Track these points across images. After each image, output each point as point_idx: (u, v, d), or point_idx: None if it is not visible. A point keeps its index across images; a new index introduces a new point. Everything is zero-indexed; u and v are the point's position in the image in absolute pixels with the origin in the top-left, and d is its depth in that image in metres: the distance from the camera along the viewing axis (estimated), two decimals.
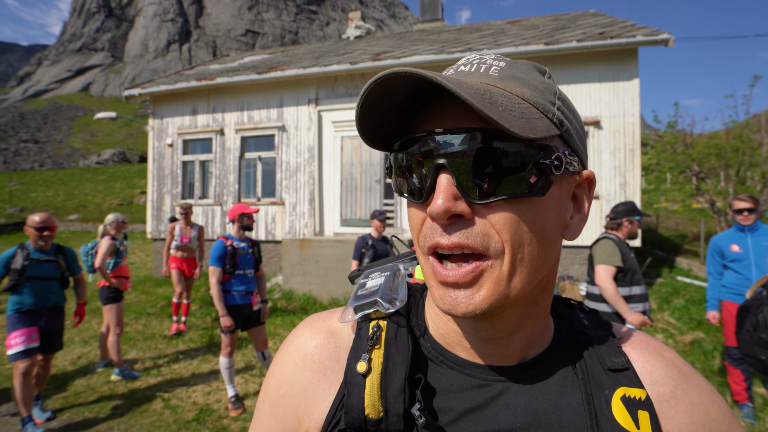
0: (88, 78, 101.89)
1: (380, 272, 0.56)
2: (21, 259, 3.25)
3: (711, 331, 4.97)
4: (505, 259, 0.40)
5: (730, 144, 8.23)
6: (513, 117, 0.37)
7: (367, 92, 0.39)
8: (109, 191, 31.90)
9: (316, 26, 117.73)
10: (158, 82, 10.19)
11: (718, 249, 3.48)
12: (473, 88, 0.37)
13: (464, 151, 0.39)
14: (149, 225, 9.86)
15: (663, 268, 8.56)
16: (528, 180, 0.39)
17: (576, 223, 0.46)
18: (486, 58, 0.46)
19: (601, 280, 2.89)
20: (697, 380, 0.48)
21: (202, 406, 3.70)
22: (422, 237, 0.43)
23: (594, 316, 0.55)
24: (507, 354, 0.47)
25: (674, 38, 6.66)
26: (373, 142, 0.46)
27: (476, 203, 0.39)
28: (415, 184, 0.43)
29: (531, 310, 0.46)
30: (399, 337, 0.48)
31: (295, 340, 0.53)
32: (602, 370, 0.47)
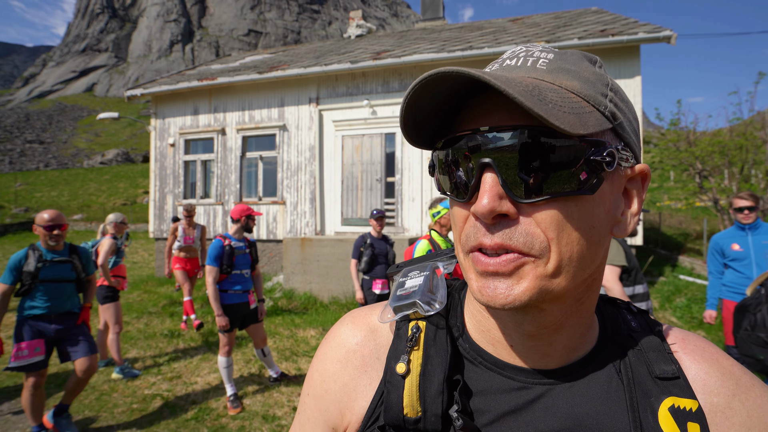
0: (92, 79, 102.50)
1: (419, 271, 0.56)
2: (33, 261, 3.00)
3: (712, 330, 4.93)
4: (551, 257, 0.38)
5: (734, 141, 8.17)
6: (563, 113, 0.36)
7: (413, 92, 0.39)
8: (113, 191, 32.09)
9: (318, 25, 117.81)
10: (160, 83, 10.23)
11: (719, 248, 3.45)
12: (521, 85, 0.36)
13: (510, 148, 0.38)
14: (151, 224, 9.90)
15: (665, 266, 8.51)
16: (578, 177, 0.38)
17: (627, 219, 0.45)
18: (533, 50, 0.44)
19: (608, 281, 2.81)
20: (759, 391, 0.44)
21: (201, 404, 3.72)
22: (464, 236, 0.42)
23: (643, 317, 0.52)
24: (549, 353, 0.45)
25: (677, 35, 6.61)
26: (416, 141, 0.45)
27: (522, 202, 0.38)
28: (459, 183, 0.42)
29: (575, 309, 0.44)
30: (438, 339, 0.47)
31: (337, 337, 0.54)
32: (650, 377, 0.44)
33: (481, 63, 7.62)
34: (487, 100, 0.41)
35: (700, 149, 8.45)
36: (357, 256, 4.44)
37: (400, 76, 8.23)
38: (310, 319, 6.16)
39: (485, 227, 0.39)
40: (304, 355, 4.84)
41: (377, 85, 8.34)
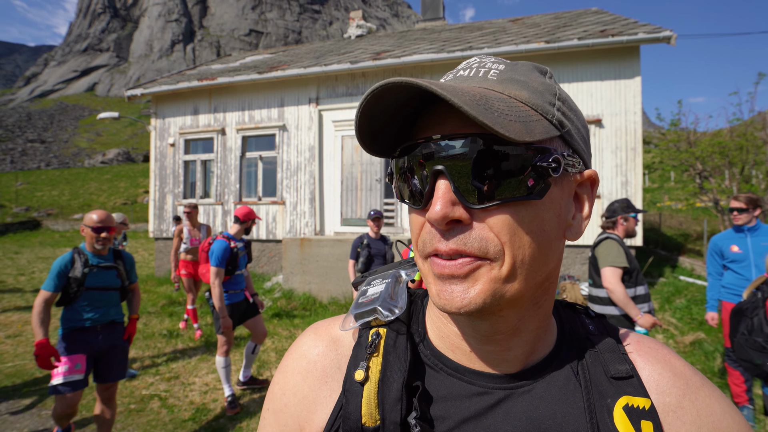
0: (93, 78, 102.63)
1: (381, 279, 0.56)
2: (80, 266, 2.71)
3: (712, 331, 4.91)
4: (505, 260, 0.40)
5: (735, 142, 8.15)
6: (509, 121, 0.37)
7: (365, 104, 0.40)
8: (114, 190, 32.12)
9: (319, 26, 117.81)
10: (160, 82, 10.23)
11: (718, 249, 3.44)
12: (469, 95, 0.37)
13: (462, 156, 0.39)
14: (151, 224, 9.90)
15: (665, 267, 8.49)
16: (526, 183, 0.39)
17: (578, 223, 0.46)
18: (486, 62, 0.46)
19: (610, 282, 2.77)
20: (708, 390, 0.46)
21: (198, 405, 3.71)
22: (421, 242, 0.43)
23: (600, 321, 0.54)
24: (508, 358, 0.46)
25: (677, 35, 6.59)
26: (374, 150, 0.46)
27: (474, 208, 0.39)
28: (414, 190, 0.44)
29: (532, 312, 0.45)
30: (398, 345, 0.48)
31: (298, 348, 0.54)
32: (606, 378, 0.46)
33: None
34: (441, 110, 0.42)
35: (700, 150, 8.43)
36: (354, 257, 4.44)
37: (400, 75, 8.19)
38: (310, 319, 6.15)
39: (440, 233, 0.40)
40: None
41: None
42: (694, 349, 4.72)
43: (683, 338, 5.00)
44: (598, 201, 7.01)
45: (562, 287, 6.49)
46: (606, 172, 7.01)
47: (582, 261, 7.11)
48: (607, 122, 7.02)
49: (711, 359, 4.38)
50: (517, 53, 7.17)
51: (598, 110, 7.06)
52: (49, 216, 25.51)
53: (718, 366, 4.17)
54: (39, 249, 16.23)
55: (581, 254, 7.12)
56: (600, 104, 7.06)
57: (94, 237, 2.75)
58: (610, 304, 2.85)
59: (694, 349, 4.70)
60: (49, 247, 16.96)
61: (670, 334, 5.17)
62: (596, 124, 7.05)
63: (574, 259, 7.18)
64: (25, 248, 16.43)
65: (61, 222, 23.41)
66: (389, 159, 0.48)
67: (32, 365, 4.63)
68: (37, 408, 3.68)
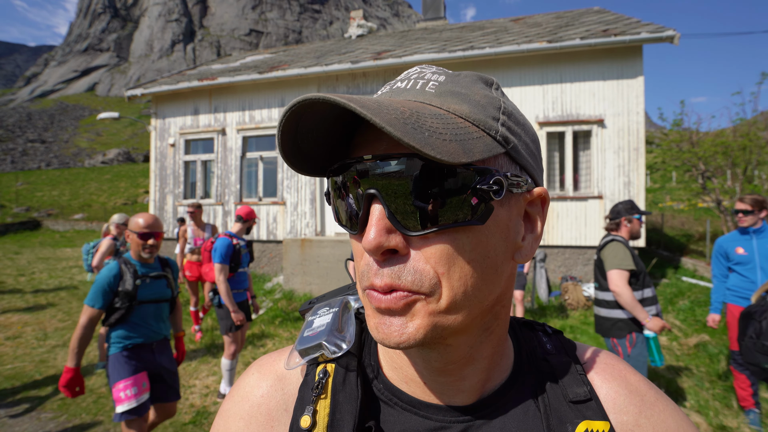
0: (93, 78, 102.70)
1: (328, 307, 0.53)
2: (130, 278, 2.45)
3: (716, 333, 4.88)
4: (442, 293, 0.37)
5: (738, 142, 8.10)
6: (443, 141, 0.34)
7: (284, 122, 0.36)
8: (114, 190, 32.12)
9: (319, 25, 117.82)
10: (160, 82, 10.20)
11: (723, 251, 3.40)
12: (396, 112, 0.33)
13: (396, 177, 0.36)
14: None
15: (668, 268, 8.45)
16: (467, 207, 0.36)
17: (528, 244, 0.43)
18: (426, 72, 0.43)
19: (617, 285, 2.73)
20: (662, 406, 0.46)
21: (199, 408, 3.68)
22: (361, 273, 0.40)
23: (557, 338, 0.52)
24: (463, 388, 0.44)
25: (680, 35, 6.55)
26: (305, 169, 0.42)
27: (411, 235, 0.36)
28: (351, 213, 0.40)
29: (483, 338, 0.43)
30: (347, 383, 0.45)
31: (241, 390, 0.50)
32: (564, 402, 0.44)
33: (482, 63, 7.58)
34: (374, 129, 0.39)
35: (703, 150, 8.39)
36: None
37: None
38: None
39: (376, 264, 0.37)
40: None
41: (378, 85, 8.30)
42: (698, 351, 4.68)
43: (687, 340, 4.96)
44: (599, 201, 6.97)
45: (564, 288, 6.46)
46: (608, 173, 6.97)
47: (584, 262, 7.07)
48: (610, 122, 6.98)
49: (715, 362, 4.35)
50: (519, 53, 7.14)
51: (601, 110, 7.03)
52: (50, 216, 25.51)
53: (723, 369, 4.14)
54: (39, 249, 16.21)
55: (583, 255, 7.09)
56: (602, 104, 7.02)
57: (140, 244, 2.47)
58: (617, 307, 2.81)
59: (698, 352, 4.67)
60: (50, 247, 16.95)
61: (674, 336, 5.13)
62: (598, 124, 7.01)
63: (576, 260, 7.14)
64: (26, 249, 16.41)
65: (61, 222, 23.40)
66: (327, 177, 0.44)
67: (31, 367, 4.60)
68: (36, 411, 3.65)
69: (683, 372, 4.20)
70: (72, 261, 12.96)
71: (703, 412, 3.43)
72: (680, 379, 4.03)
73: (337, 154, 0.42)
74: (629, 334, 2.76)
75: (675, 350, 4.79)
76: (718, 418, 3.31)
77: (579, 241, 7.04)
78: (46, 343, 5.43)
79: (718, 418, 3.31)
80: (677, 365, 4.37)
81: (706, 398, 3.64)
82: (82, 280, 9.65)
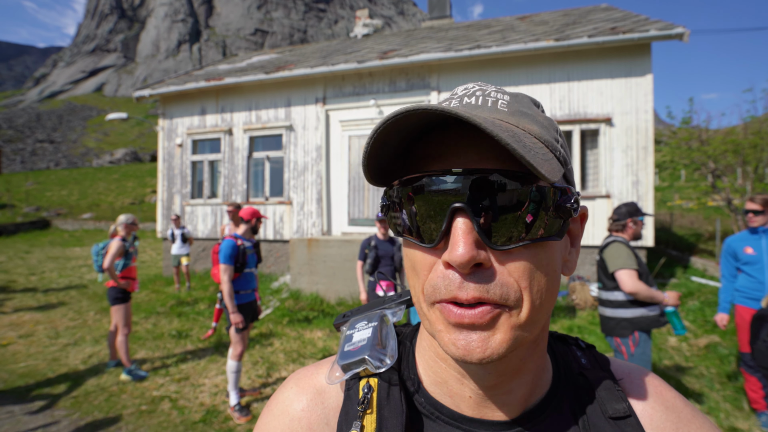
0: (101, 79, 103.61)
1: (367, 321, 0.53)
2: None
3: (727, 334, 4.83)
4: (524, 306, 0.38)
5: (748, 140, 7.99)
6: (540, 159, 0.36)
7: (382, 129, 0.37)
8: (122, 190, 32.42)
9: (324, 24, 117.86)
10: (168, 83, 10.28)
11: (732, 251, 3.37)
12: (499, 126, 0.35)
13: (485, 192, 0.37)
14: (159, 224, 9.97)
15: (677, 268, 8.37)
16: (550, 223, 0.39)
17: (573, 258, 0.46)
18: (488, 90, 0.43)
19: (631, 286, 2.76)
20: (699, 423, 0.46)
21: (208, 407, 3.72)
22: (431, 286, 0.39)
23: (591, 353, 0.53)
24: (508, 402, 0.44)
25: (689, 32, 6.47)
26: (379, 179, 0.43)
27: (499, 249, 0.37)
28: (423, 226, 0.40)
29: (531, 351, 0.44)
30: (391, 397, 0.45)
31: (279, 403, 0.50)
32: (604, 418, 0.45)
33: (489, 62, 7.54)
34: (451, 139, 0.40)
35: (713, 148, 8.28)
36: (363, 258, 4.43)
37: (407, 76, 8.17)
38: (318, 320, 6.15)
39: (460, 278, 0.37)
40: (311, 357, 4.83)
41: (384, 84, 8.30)
42: (708, 352, 4.64)
43: (697, 341, 4.92)
44: (607, 201, 6.92)
45: (572, 288, 6.41)
46: (616, 172, 6.92)
47: (592, 261, 7.02)
48: (618, 121, 6.92)
49: (726, 363, 4.31)
50: (526, 51, 7.09)
51: (609, 109, 6.97)
52: (59, 216, 25.81)
53: (733, 370, 4.10)
54: (49, 249, 16.42)
55: (590, 255, 7.04)
56: (610, 102, 6.96)
57: None
58: (620, 306, 2.83)
59: (708, 353, 4.62)
60: (59, 246, 17.16)
61: (684, 337, 5.09)
62: (606, 122, 6.95)
63: (584, 260, 7.10)
64: (36, 248, 16.63)
65: (70, 221, 23.66)
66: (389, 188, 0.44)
67: (44, 365, 4.68)
68: (51, 409, 3.71)
69: (693, 373, 4.16)
70: (81, 260, 13.12)
71: (713, 413, 3.40)
72: (690, 381, 4.00)
73: (395, 165, 0.43)
74: (632, 333, 2.79)
75: (685, 351, 4.75)
76: (729, 420, 3.28)
77: (587, 241, 7.00)
78: (58, 341, 5.51)
79: (729, 420, 3.28)
80: (687, 366, 4.33)
81: (717, 400, 3.61)
82: (91, 279, 9.77)
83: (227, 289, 3.53)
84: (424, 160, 0.41)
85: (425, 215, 0.39)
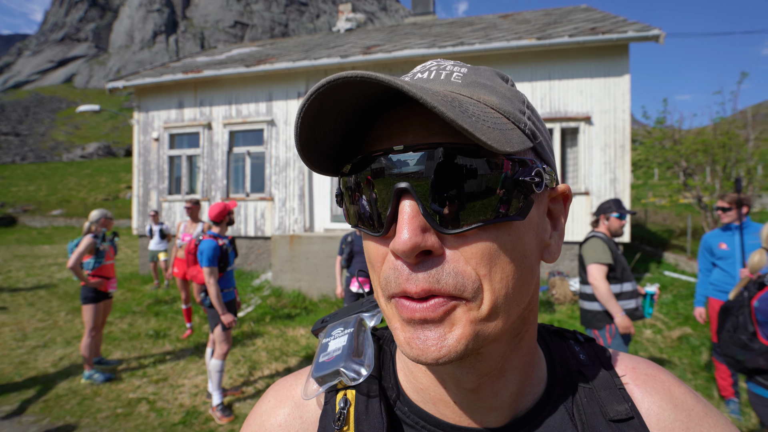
0: (71, 69, 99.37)
1: (343, 327, 0.49)
2: None
3: (699, 326, 5.03)
4: (484, 297, 0.34)
5: (717, 140, 8.32)
6: (487, 128, 0.32)
7: (308, 105, 0.32)
8: (94, 186, 31.25)
9: (306, 18, 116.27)
10: (143, 75, 9.93)
11: (708, 246, 3.52)
12: (440, 95, 0.31)
13: (430, 171, 0.33)
14: (135, 221, 9.65)
15: (651, 263, 8.66)
16: (507, 201, 0.34)
17: (555, 242, 0.41)
18: (445, 64, 0.41)
19: (595, 279, 2.88)
20: (712, 421, 0.42)
21: (188, 408, 3.62)
22: (384, 279, 0.36)
23: (590, 347, 0.49)
24: (496, 405, 0.41)
25: (665, 34, 6.67)
26: (318, 165, 0.39)
27: (449, 233, 0.33)
28: (372, 213, 0.36)
29: (515, 347, 0.40)
30: (370, 411, 0.42)
31: (258, 417, 0.47)
32: (604, 421, 0.41)
33: (472, 59, 7.58)
34: (402, 117, 0.36)
35: (684, 147, 8.59)
36: (341, 253, 4.44)
37: (391, 71, 8.13)
38: (300, 317, 6.08)
39: (408, 268, 0.34)
40: (294, 355, 4.77)
41: None
42: (681, 344, 4.82)
43: (670, 333, 5.10)
44: (586, 198, 7.08)
45: (552, 283, 6.56)
46: (595, 169, 7.08)
47: (571, 257, 7.19)
48: (597, 119, 7.09)
49: (697, 354, 4.48)
50: (509, 49, 7.16)
51: (588, 107, 7.12)
52: (26, 212, 24.66)
53: (705, 360, 4.27)
54: (15, 247, 15.68)
55: (570, 250, 7.20)
56: (590, 101, 7.11)
57: None
58: (597, 299, 2.93)
59: (681, 344, 4.80)
60: (27, 244, 16.41)
61: (657, 329, 5.27)
62: (586, 121, 7.10)
63: (564, 255, 7.25)
64: (1, 246, 15.85)
65: (38, 218, 22.66)
66: (340, 177, 0.40)
67: (11, 369, 4.45)
68: (19, 415, 3.54)
69: (666, 364, 4.31)
70: (51, 258, 12.58)
71: None
72: None
73: (348, 151, 0.39)
74: (609, 325, 2.90)
75: (659, 343, 4.92)
76: None
77: (566, 237, 7.15)
78: (25, 344, 5.26)
79: None
80: (661, 357, 4.49)
81: None
82: (62, 279, 9.38)
83: (215, 291, 3.44)
84: (378, 140, 0.37)
85: (372, 201, 0.36)
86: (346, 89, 0.32)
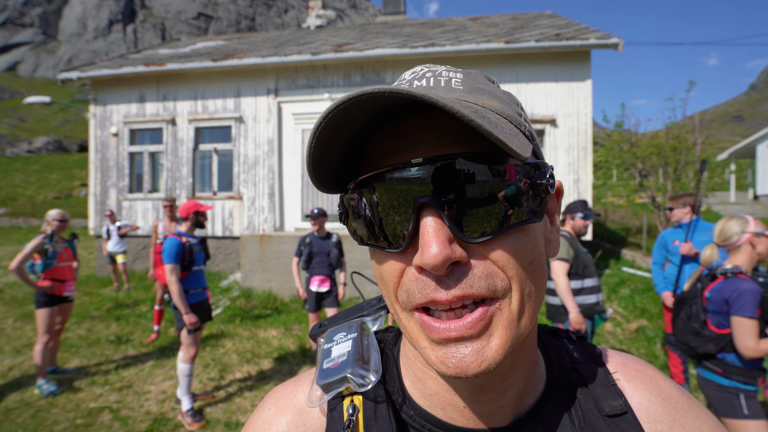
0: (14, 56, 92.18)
1: (346, 332, 0.49)
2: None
3: (653, 319, 5.37)
4: (513, 296, 0.35)
5: (669, 144, 8.89)
6: (510, 135, 0.32)
7: (324, 124, 0.32)
8: (44, 183, 29.18)
9: (273, 13, 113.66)
10: (100, 66, 9.37)
11: (664, 242, 3.78)
12: (470, 107, 0.31)
13: (451, 182, 0.33)
14: (91, 221, 9.11)
15: (611, 259, 9.14)
16: (527, 205, 0.35)
17: (555, 237, 0.43)
18: (439, 70, 0.40)
19: (556, 275, 3.04)
20: (696, 412, 0.45)
21: (156, 415, 3.47)
22: (404, 292, 0.36)
23: (582, 345, 0.51)
24: (503, 404, 0.42)
25: (623, 42, 7.04)
26: (326, 184, 0.38)
27: (475, 242, 0.33)
28: (387, 230, 0.36)
29: (521, 344, 0.40)
30: (379, 416, 0.42)
31: (258, 427, 0.46)
32: (600, 416, 0.43)
33: (443, 60, 7.69)
34: (405, 130, 0.36)
35: (641, 150, 9.12)
36: (299, 254, 4.45)
37: (362, 70, 8.12)
38: (272, 318, 5.96)
39: (436, 280, 0.33)
40: (266, 357, 4.68)
41: (338, 78, 8.18)
42: (638, 335, 5.12)
43: (628, 325, 5.42)
44: None
45: None
46: (559, 170, 7.38)
47: None
48: (561, 122, 7.39)
49: (652, 344, 4.79)
50: (479, 52, 7.33)
51: (553, 110, 7.41)
52: None
53: (659, 350, 4.57)
54: None
55: None
56: (554, 105, 7.40)
57: None
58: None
59: (638, 336, 5.11)
60: None
61: (617, 322, 5.58)
62: (551, 123, 7.39)
63: None
64: None
65: None
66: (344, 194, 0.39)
67: None
68: None
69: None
70: None
71: None
72: None
73: (349, 167, 0.39)
74: None
75: (618, 335, 5.20)
76: None
77: None
78: None
79: None
80: (620, 348, 4.76)
81: None
82: (8, 283, 8.70)
83: (176, 289, 3.33)
84: (380, 157, 0.36)
85: (387, 217, 0.35)
86: (370, 103, 0.31)
